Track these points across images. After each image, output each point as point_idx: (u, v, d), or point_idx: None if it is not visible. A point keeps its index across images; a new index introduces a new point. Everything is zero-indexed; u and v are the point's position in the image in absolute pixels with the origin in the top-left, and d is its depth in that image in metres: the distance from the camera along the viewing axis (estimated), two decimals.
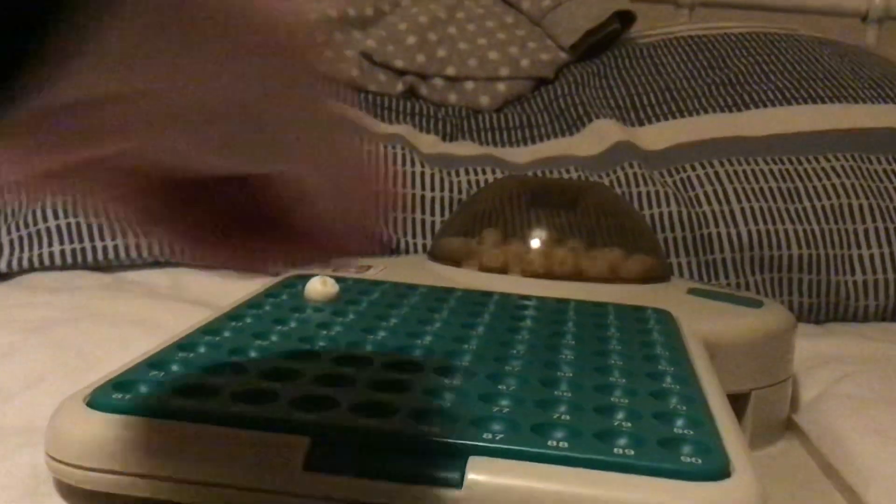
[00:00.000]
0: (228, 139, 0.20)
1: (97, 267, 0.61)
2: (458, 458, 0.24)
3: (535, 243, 0.48)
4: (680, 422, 0.27)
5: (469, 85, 0.83)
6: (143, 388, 0.28)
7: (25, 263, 0.60)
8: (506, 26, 0.88)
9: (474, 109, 0.82)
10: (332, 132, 0.23)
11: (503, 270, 0.47)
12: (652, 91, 0.80)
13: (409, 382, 0.29)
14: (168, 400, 0.27)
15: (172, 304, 0.51)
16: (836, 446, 0.39)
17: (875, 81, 0.79)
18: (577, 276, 0.46)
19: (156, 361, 0.30)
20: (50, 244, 0.61)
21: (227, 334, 0.34)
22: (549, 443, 0.25)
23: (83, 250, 0.61)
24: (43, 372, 0.37)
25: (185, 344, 0.32)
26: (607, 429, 0.26)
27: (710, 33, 0.88)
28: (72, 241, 0.61)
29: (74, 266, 0.61)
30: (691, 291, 0.47)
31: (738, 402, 0.40)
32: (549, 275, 0.46)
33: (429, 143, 0.75)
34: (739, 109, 0.76)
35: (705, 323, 0.41)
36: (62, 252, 0.61)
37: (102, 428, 0.26)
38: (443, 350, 0.33)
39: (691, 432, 0.26)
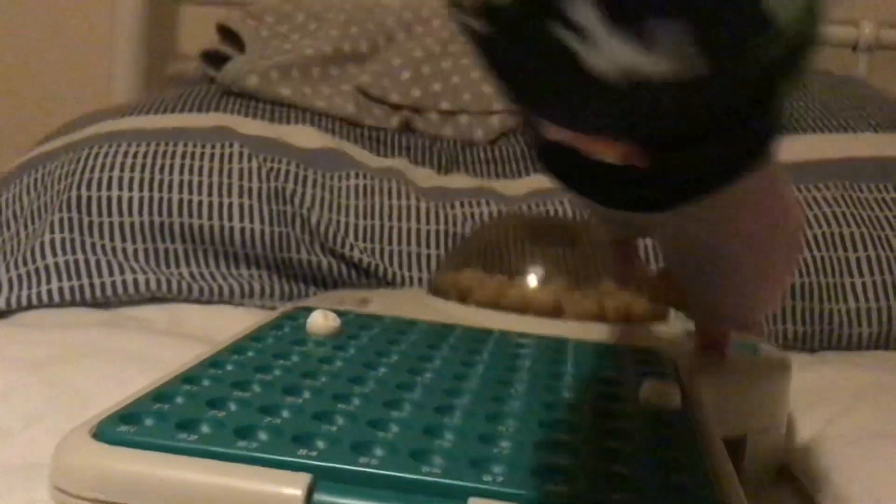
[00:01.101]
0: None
1: (95, 304, 0.62)
2: (458, 499, 0.25)
3: (534, 281, 0.48)
4: (677, 468, 0.27)
5: (463, 119, 0.84)
6: (149, 421, 0.28)
7: (24, 301, 0.60)
8: None
9: (469, 142, 0.83)
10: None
11: (503, 307, 0.47)
12: None
13: (410, 421, 0.29)
14: (173, 434, 0.27)
15: (169, 340, 0.51)
16: (832, 489, 0.39)
17: (864, 111, 0.80)
18: (576, 314, 0.47)
19: (161, 394, 0.30)
20: (49, 281, 0.61)
21: (230, 367, 0.34)
22: (548, 486, 0.25)
23: (81, 287, 0.61)
24: (41, 411, 0.37)
25: (189, 377, 0.32)
26: (606, 473, 0.26)
27: None
28: (70, 279, 0.62)
29: (73, 303, 0.61)
30: (690, 333, 0.47)
31: (734, 446, 0.40)
32: (547, 313, 0.47)
33: (424, 176, 0.75)
34: None
35: (702, 366, 0.41)
36: (60, 289, 0.61)
37: (108, 460, 0.26)
38: (443, 388, 0.34)
39: (688, 479, 0.27)
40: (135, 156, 0.69)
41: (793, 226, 0.32)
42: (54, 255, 0.63)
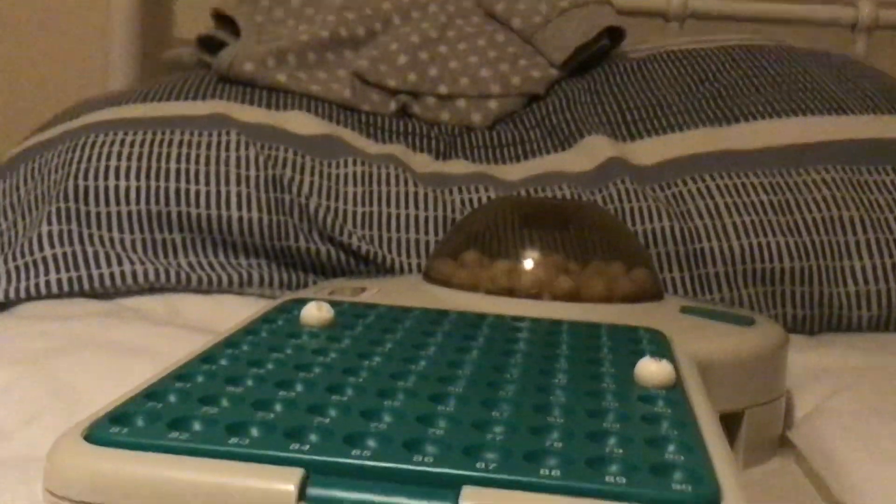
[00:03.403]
0: None
1: (94, 294, 0.62)
2: (451, 487, 0.25)
3: (528, 264, 0.48)
4: (671, 447, 0.27)
5: (461, 103, 0.83)
6: (140, 421, 0.28)
7: (23, 293, 0.60)
8: (496, 44, 0.88)
9: (467, 127, 0.82)
10: None
11: (497, 292, 0.47)
12: (643, 106, 0.80)
13: (403, 410, 0.30)
14: (164, 433, 0.27)
15: (169, 331, 0.51)
16: (830, 464, 0.39)
17: (863, 92, 0.79)
18: (571, 296, 0.47)
19: (152, 392, 0.30)
20: (46, 273, 0.61)
21: (223, 363, 0.34)
22: (542, 471, 0.25)
23: (79, 278, 0.61)
24: (40, 408, 0.37)
25: (181, 374, 0.32)
26: (599, 456, 0.26)
27: (700, 47, 0.89)
28: (68, 270, 0.62)
29: (71, 294, 0.61)
30: (684, 310, 0.47)
31: (731, 421, 0.41)
32: (542, 295, 0.47)
33: (422, 162, 0.75)
34: (729, 123, 0.76)
35: (698, 342, 0.41)
36: (59, 281, 0.61)
37: (101, 462, 0.26)
38: (437, 375, 0.34)
39: (682, 458, 0.26)
40: (131, 144, 0.68)
41: None
42: (52, 246, 0.63)
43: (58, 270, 0.61)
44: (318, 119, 0.75)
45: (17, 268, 0.62)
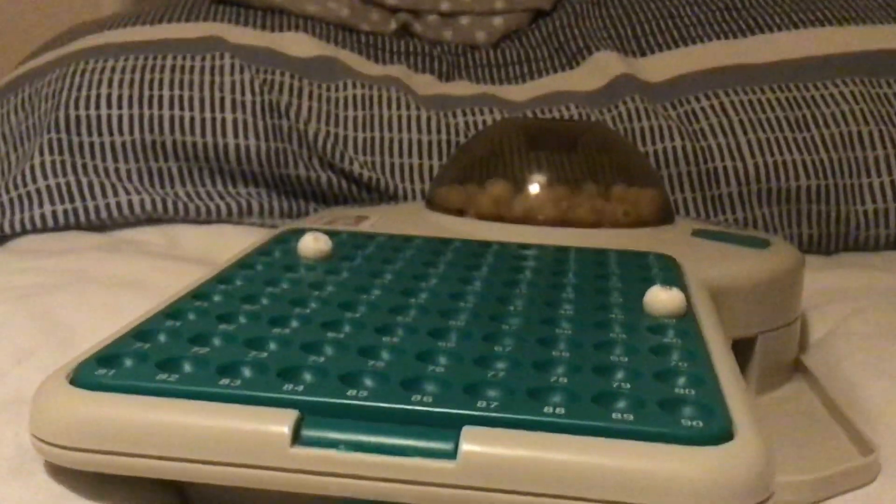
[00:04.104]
0: None
1: (91, 227, 0.60)
2: (451, 428, 0.24)
3: (535, 188, 0.47)
4: (681, 381, 0.26)
5: (464, 20, 0.80)
6: (128, 363, 0.27)
7: (18, 226, 0.59)
8: None
9: (470, 46, 0.79)
10: None
11: (502, 218, 0.46)
12: (654, 19, 0.77)
13: (402, 347, 0.28)
14: (153, 375, 0.26)
15: (166, 264, 0.50)
16: (845, 388, 0.38)
17: (884, 1, 0.76)
18: (579, 221, 0.45)
19: (141, 332, 0.29)
20: (41, 205, 0.60)
21: (216, 299, 0.33)
22: (546, 409, 0.24)
23: (75, 210, 0.60)
24: (32, 346, 0.36)
25: (172, 312, 0.31)
26: (606, 391, 0.25)
27: None
28: (63, 202, 0.60)
29: (67, 227, 0.60)
30: (696, 233, 0.45)
31: (744, 347, 0.39)
32: (549, 221, 0.45)
33: (424, 83, 0.73)
34: (744, 35, 0.73)
35: (710, 267, 0.39)
36: (54, 213, 0.60)
37: (86, 407, 0.25)
38: (438, 308, 0.32)
39: (692, 392, 0.25)
40: (122, 70, 0.66)
41: None
42: (45, 178, 0.61)
43: (52, 202, 0.60)
44: (315, 40, 0.73)
45: (10, 200, 0.60)
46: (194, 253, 0.56)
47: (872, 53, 0.70)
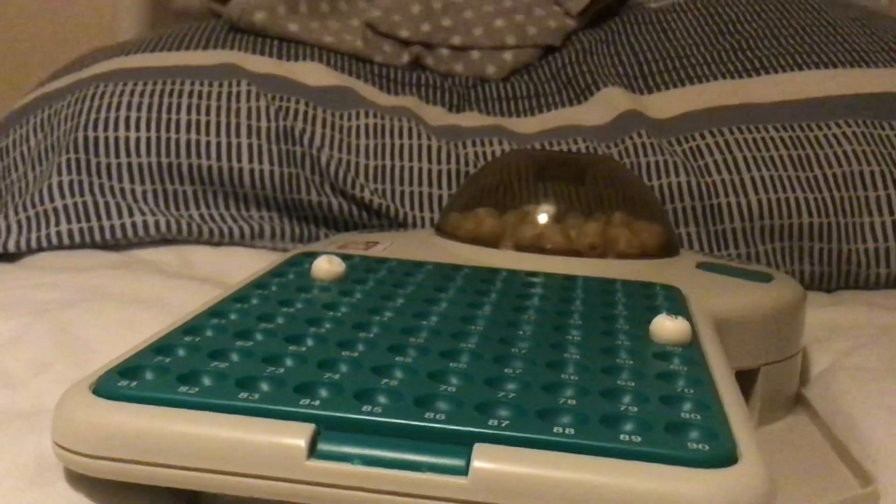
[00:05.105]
0: None
1: (105, 246, 0.62)
2: (463, 445, 0.24)
3: (543, 218, 0.48)
4: (687, 405, 0.27)
5: (475, 54, 0.82)
6: (149, 375, 0.28)
7: (34, 244, 0.60)
8: None
9: (481, 79, 0.81)
10: None
11: (511, 246, 0.47)
12: (661, 58, 0.79)
13: (415, 367, 0.29)
14: (173, 387, 0.27)
15: (180, 283, 0.51)
16: (846, 421, 0.39)
17: (887, 44, 0.77)
18: (586, 251, 0.46)
19: (161, 346, 0.30)
20: (57, 224, 0.61)
21: (232, 317, 0.34)
22: (556, 429, 0.25)
23: (90, 229, 0.61)
24: (50, 358, 0.37)
25: (190, 328, 0.32)
26: (613, 414, 0.26)
27: None
28: (79, 221, 0.61)
29: (83, 245, 0.61)
30: (700, 266, 0.46)
31: (746, 378, 0.40)
32: (557, 250, 0.46)
33: (435, 114, 0.74)
34: (749, 75, 0.74)
35: (714, 299, 0.40)
36: (70, 231, 0.61)
37: (108, 416, 0.26)
38: (449, 331, 0.33)
39: (698, 417, 0.26)
40: (141, 94, 0.68)
41: None
42: (62, 197, 0.62)
43: (69, 221, 0.61)
44: (329, 70, 0.74)
45: (27, 218, 0.61)
46: (207, 273, 0.57)
47: (876, 96, 0.71)
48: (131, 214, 0.62)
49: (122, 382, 0.27)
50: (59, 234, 0.61)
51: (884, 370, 0.44)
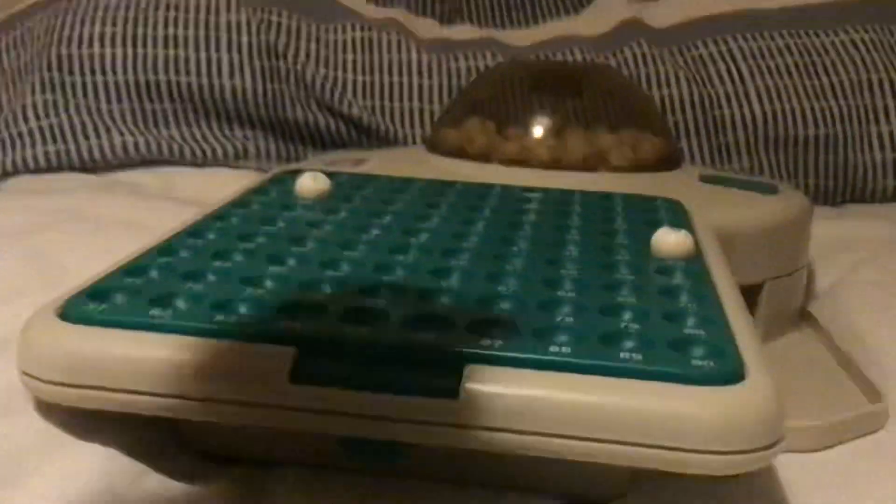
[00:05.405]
0: None
1: (84, 168, 0.59)
2: (453, 366, 0.23)
3: (539, 131, 0.45)
4: (691, 321, 0.25)
5: None
6: (120, 298, 0.26)
7: (9, 166, 0.58)
8: None
9: None
10: None
11: (505, 161, 0.45)
12: None
13: (403, 285, 0.28)
14: (146, 310, 0.25)
15: (160, 205, 0.49)
16: (853, 337, 0.38)
17: None
18: (584, 165, 0.44)
19: (133, 268, 0.28)
20: (33, 146, 0.59)
21: (211, 236, 0.32)
22: (551, 348, 0.23)
23: (67, 151, 0.59)
24: (22, 285, 0.36)
25: (165, 248, 0.30)
26: (613, 331, 0.24)
27: None
28: (55, 142, 0.59)
29: (60, 168, 0.58)
30: (703, 178, 0.44)
31: (750, 294, 0.39)
32: (554, 164, 0.44)
33: (425, 27, 0.71)
34: None
35: (718, 212, 0.39)
36: (46, 153, 0.58)
37: (76, 341, 0.24)
38: (440, 249, 0.31)
39: (703, 333, 0.25)
40: (116, 8, 0.64)
41: None
42: (37, 118, 0.60)
43: (44, 143, 0.59)
44: None
45: (2, 140, 0.59)
46: (189, 195, 0.55)
47: (884, 0, 0.68)
48: (109, 135, 0.60)
49: (90, 305, 0.25)
50: (34, 156, 0.58)
51: (891, 284, 0.43)
